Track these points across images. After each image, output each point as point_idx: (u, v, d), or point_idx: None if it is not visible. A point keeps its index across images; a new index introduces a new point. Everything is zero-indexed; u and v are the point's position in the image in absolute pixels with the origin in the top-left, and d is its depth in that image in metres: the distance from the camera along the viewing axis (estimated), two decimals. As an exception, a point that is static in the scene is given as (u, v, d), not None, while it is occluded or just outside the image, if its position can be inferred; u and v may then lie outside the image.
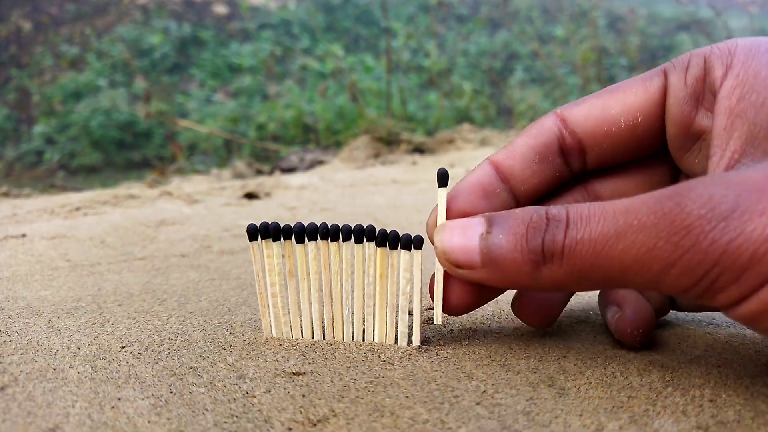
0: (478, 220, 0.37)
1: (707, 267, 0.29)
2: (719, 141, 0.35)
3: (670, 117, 0.39)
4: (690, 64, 0.39)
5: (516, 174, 0.42)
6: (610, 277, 0.32)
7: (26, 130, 4.67)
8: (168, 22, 5.67)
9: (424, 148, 2.39)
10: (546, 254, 0.34)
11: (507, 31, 5.62)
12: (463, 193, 0.42)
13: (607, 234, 0.31)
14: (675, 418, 0.33)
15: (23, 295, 0.56)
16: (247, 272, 0.65)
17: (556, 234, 0.33)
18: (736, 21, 4.79)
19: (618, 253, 0.31)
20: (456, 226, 0.38)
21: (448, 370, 0.39)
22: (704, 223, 0.28)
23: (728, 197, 0.28)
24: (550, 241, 0.33)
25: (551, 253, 0.33)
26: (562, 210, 0.34)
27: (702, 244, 0.28)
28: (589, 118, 0.41)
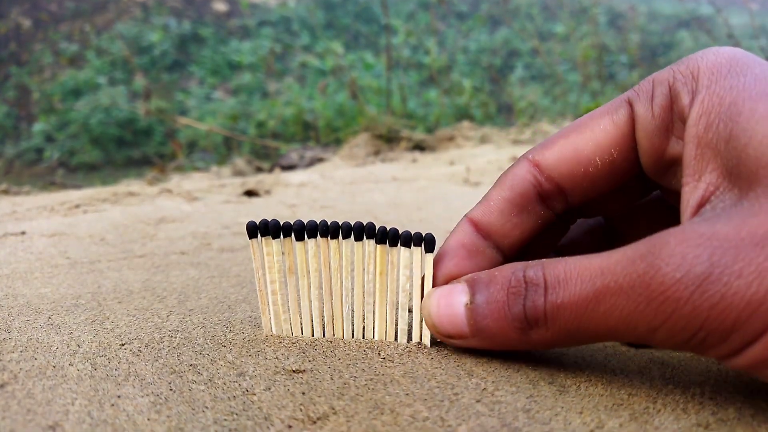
0: (461, 287, 0.37)
1: (693, 330, 0.29)
2: (690, 170, 0.34)
3: (641, 148, 0.38)
4: (654, 93, 0.37)
5: (496, 230, 0.41)
6: (599, 336, 0.32)
7: (26, 128, 4.67)
8: (168, 19, 5.66)
9: (424, 145, 2.38)
10: (529, 320, 0.34)
11: (507, 28, 5.61)
12: (447, 257, 0.41)
13: (587, 297, 0.31)
14: (675, 415, 0.33)
15: (23, 292, 0.56)
16: (247, 270, 0.65)
17: (536, 299, 0.33)
18: (737, 18, 4.78)
19: (601, 315, 0.31)
20: (441, 296, 0.38)
21: (448, 367, 0.39)
22: (682, 288, 0.28)
23: (702, 257, 0.28)
24: (531, 307, 0.34)
25: (535, 319, 0.34)
26: (539, 271, 0.34)
27: (683, 310, 0.28)
28: (562, 162, 0.40)
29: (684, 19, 5.96)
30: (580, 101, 3.46)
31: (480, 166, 1.72)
